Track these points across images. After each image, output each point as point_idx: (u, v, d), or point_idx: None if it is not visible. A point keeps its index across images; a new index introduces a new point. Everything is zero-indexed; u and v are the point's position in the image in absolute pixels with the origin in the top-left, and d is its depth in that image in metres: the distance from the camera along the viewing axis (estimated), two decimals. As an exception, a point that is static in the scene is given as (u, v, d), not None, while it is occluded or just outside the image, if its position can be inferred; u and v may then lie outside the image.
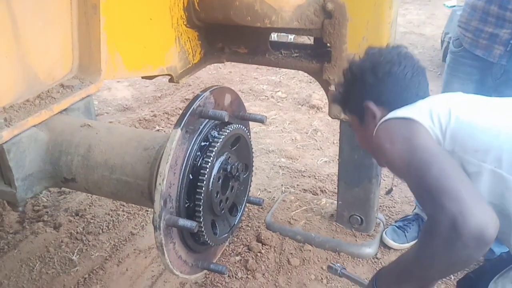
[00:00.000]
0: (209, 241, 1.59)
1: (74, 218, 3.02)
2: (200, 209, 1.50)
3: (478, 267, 1.71)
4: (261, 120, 1.78)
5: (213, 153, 1.51)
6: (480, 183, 1.18)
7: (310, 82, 5.11)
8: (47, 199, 3.22)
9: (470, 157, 1.19)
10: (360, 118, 1.53)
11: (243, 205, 1.85)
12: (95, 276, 2.60)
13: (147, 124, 4.32)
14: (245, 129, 1.73)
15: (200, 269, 1.69)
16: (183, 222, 1.43)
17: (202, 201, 1.50)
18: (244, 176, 1.79)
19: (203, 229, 1.54)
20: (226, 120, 1.54)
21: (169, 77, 2.41)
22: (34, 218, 3.04)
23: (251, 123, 1.95)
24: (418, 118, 1.27)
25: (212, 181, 1.55)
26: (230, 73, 5.54)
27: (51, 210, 3.10)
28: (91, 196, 3.21)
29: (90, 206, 3.15)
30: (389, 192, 3.06)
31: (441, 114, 1.28)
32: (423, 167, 1.14)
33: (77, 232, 2.90)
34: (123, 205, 3.15)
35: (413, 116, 1.28)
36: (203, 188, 1.50)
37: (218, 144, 1.53)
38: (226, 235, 1.74)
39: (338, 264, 1.93)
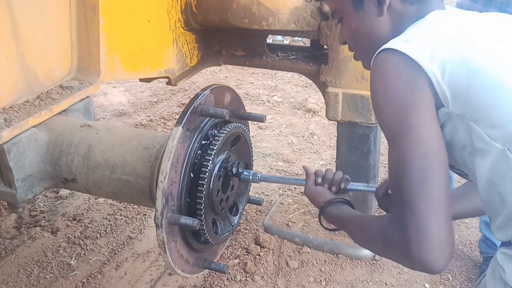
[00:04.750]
0: (210, 240, 1.59)
1: (72, 223, 3.01)
2: (201, 207, 1.50)
3: None
4: (260, 119, 1.79)
5: (214, 151, 1.51)
6: (483, 162, 1.03)
7: (306, 86, 5.14)
8: (44, 204, 3.21)
9: (482, 131, 1.01)
10: (356, 1, 1.21)
11: (244, 204, 1.85)
12: (93, 280, 2.58)
13: (144, 129, 4.32)
14: (245, 128, 1.73)
15: (201, 268, 1.68)
16: (185, 220, 1.43)
17: (203, 199, 1.50)
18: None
19: (204, 227, 1.54)
20: (227, 118, 1.54)
21: (167, 80, 2.43)
22: (31, 223, 3.02)
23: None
24: (428, 66, 1.01)
25: (213, 180, 1.55)
26: (226, 78, 5.56)
27: (48, 215, 3.09)
28: (89, 201, 3.21)
29: (87, 210, 3.14)
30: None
31: (455, 66, 1.01)
32: (405, 161, 1.00)
33: (74, 237, 2.89)
34: (121, 209, 3.14)
35: (423, 63, 1.02)
36: (204, 186, 1.50)
37: (219, 142, 1.53)
38: (227, 234, 1.74)
39: None
